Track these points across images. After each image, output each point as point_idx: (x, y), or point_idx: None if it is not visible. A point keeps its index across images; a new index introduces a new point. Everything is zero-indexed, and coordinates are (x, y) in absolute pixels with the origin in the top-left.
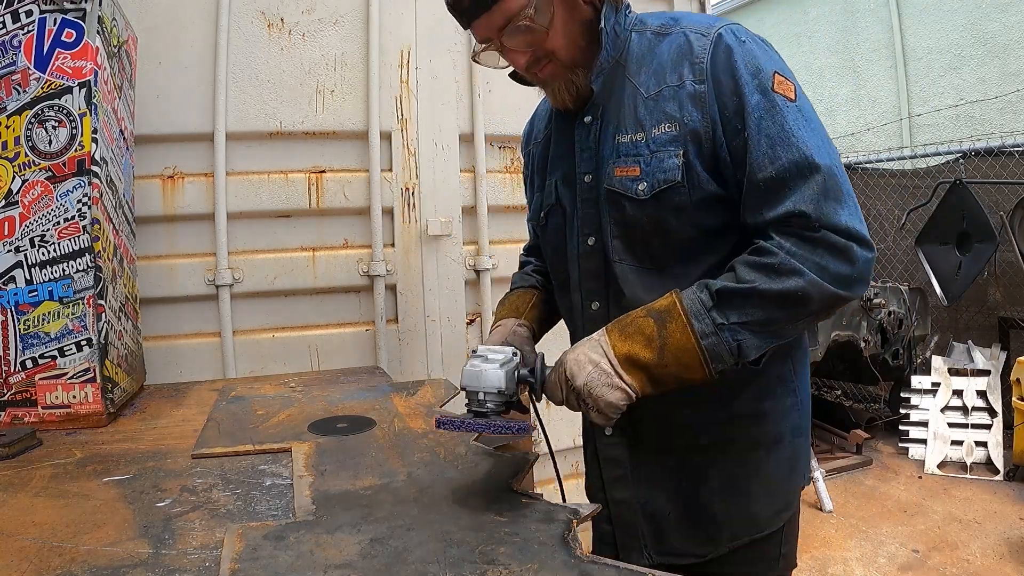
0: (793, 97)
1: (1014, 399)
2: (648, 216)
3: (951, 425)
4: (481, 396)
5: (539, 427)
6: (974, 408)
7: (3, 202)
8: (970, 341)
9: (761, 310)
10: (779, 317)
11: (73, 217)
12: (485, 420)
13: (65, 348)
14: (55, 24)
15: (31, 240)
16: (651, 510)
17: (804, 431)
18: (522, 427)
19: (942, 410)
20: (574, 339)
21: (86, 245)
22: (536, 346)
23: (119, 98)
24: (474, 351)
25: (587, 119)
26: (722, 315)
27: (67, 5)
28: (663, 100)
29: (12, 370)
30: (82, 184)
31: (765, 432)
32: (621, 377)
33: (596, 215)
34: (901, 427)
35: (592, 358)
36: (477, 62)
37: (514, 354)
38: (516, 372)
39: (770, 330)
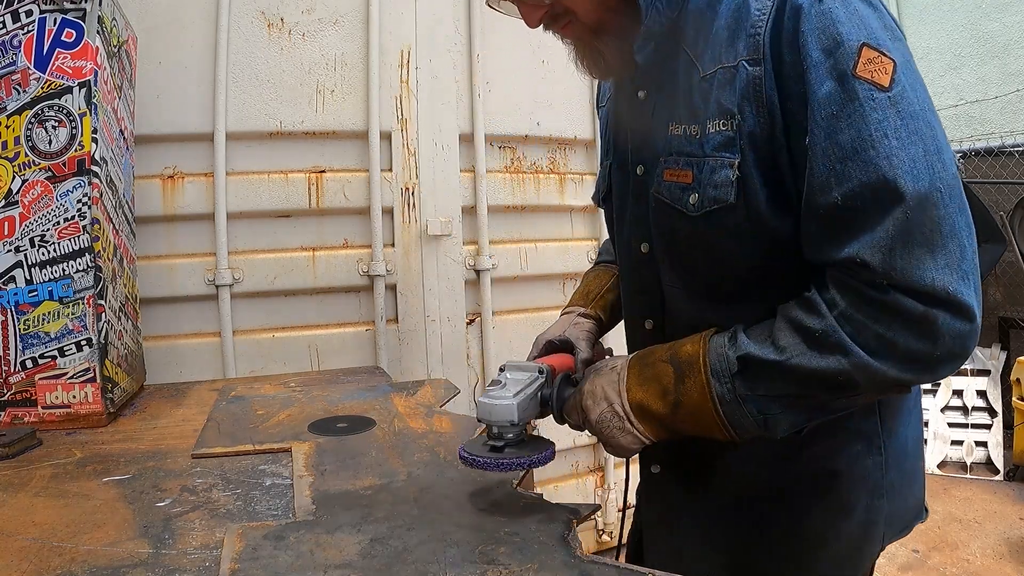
0: (887, 84)
1: (1014, 399)
2: (699, 236)
3: (951, 425)
4: (495, 430)
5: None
6: (974, 408)
7: (3, 202)
8: None
9: (794, 385)
10: (818, 396)
11: (73, 217)
12: (500, 456)
13: (65, 348)
14: (55, 24)
15: (31, 240)
16: (690, 561)
17: (887, 489)
18: (540, 459)
19: (942, 410)
20: (631, 349)
21: (86, 245)
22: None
23: (119, 98)
24: (501, 368)
25: (640, 94)
26: (746, 385)
27: (67, 5)
28: (718, 85)
29: (12, 370)
30: (82, 184)
31: (832, 497)
32: (632, 423)
33: (647, 219)
34: None
35: (608, 395)
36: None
37: (540, 372)
38: (538, 394)
39: (809, 406)
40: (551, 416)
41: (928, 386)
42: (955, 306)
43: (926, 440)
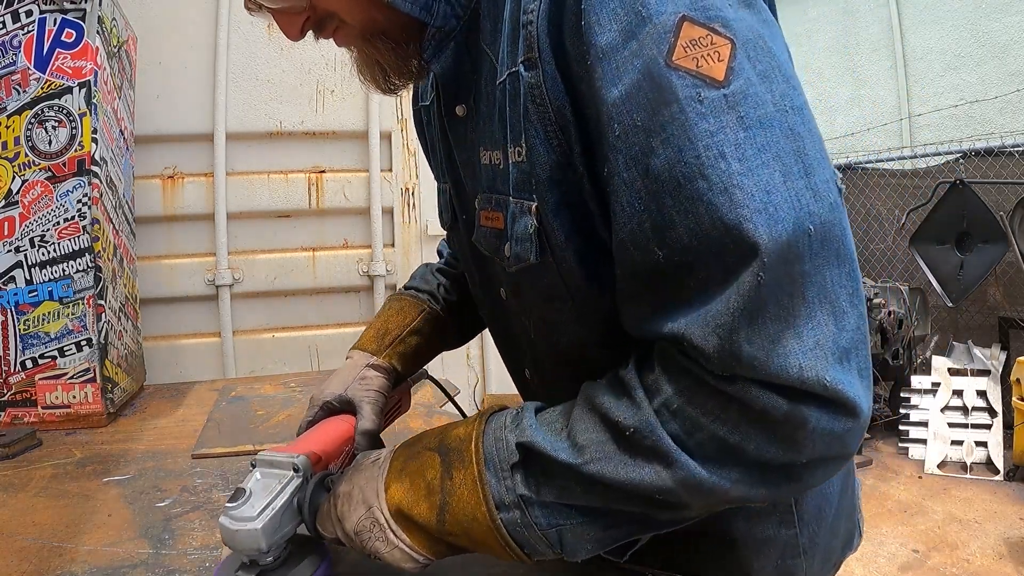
0: (721, 76)
1: (1014, 399)
2: (522, 298)
3: (951, 425)
4: (246, 559)
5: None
6: (974, 408)
7: (3, 202)
8: (970, 341)
9: (595, 497)
10: (631, 515)
11: (73, 217)
12: None
13: (65, 348)
14: (55, 24)
15: (31, 240)
16: None
17: (807, 547)
18: None
19: (942, 410)
20: (521, 395)
21: (86, 245)
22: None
23: (119, 98)
24: (252, 463)
25: (459, 110)
26: (529, 485)
27: (67, 5)
28: (509, 99)
29: (12, 370)
30: (82, 184)
31: (731, 563)
32: (396, 535)
33: (493, 260)
34: (901, 427)
35: (366, 497)
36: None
37: (296, 471)
38: (294, 501)
39: (622, 520)
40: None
41: (928, 386)
42: (832, 403)
43: (925, 440)
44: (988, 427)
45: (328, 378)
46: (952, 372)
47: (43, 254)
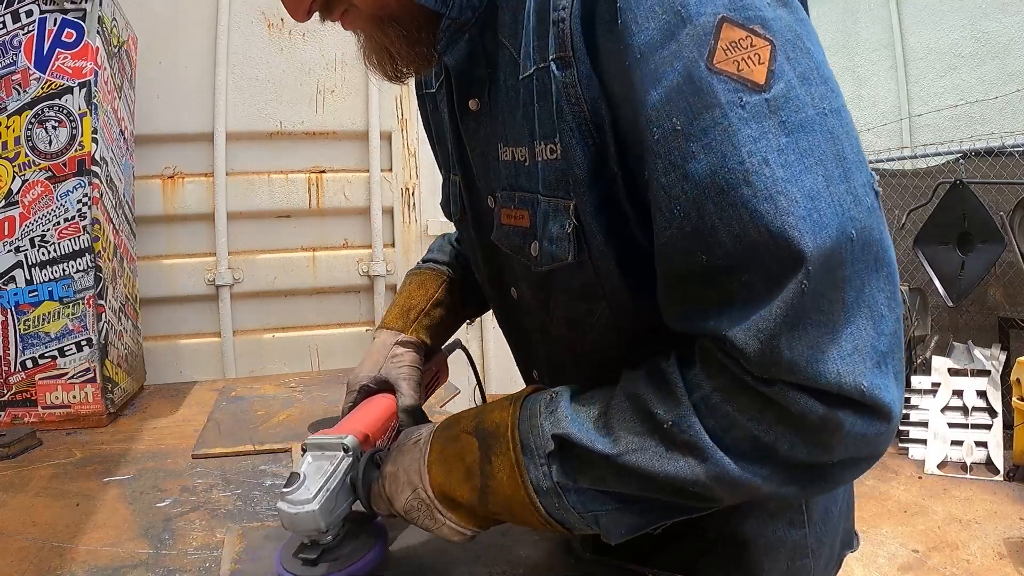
0: (762, 80)
1: (1014, 399)
2: (549, 296)
3: (951, 425)
4: (306, 540)
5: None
6: (974, 408)
7: (3, 202)
8: (970, 341)
9: (632, 486)
10: (664, 502)
11: (73, 217)
12: (312, 572)
13: (65, 348)
14: (55, 24)
15: (31, 240)
16: None
17: (813, 547)
18: (361, 568)
19: (942, 410)
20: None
21: (86, 245)
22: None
23: (119, 98)
24: (303, 447)
25: (472, 104)
26: (565, 473)
27: (67, 5)
28: (537, 95)
29: (12, 370)
30: (82, 184)
31: (743, 565)
32: (442, 514)
33: (511, 259)
34: (901, 427)
35: (411, 479)
36: None
37: (346, 451)
38: (347, 480)
39: (656, 507)
40: None
41: (928, 386)
42: (868, 408)
43: (925, 440)
44: (988, 427)
45: (360, 362)
46: (952, 372)
47: (43, 254)
